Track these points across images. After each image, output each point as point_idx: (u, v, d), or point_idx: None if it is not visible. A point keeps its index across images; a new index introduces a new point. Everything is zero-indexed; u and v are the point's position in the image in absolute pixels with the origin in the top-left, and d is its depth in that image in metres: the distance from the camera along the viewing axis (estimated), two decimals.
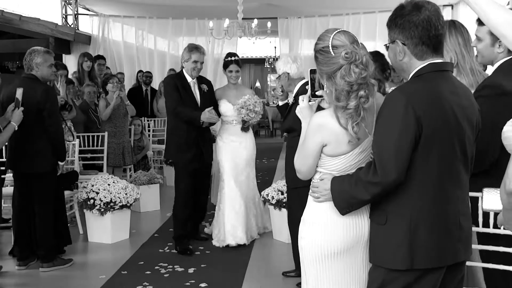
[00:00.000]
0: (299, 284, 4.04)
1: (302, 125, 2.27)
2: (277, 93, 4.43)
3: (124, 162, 6.76)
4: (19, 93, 4.16)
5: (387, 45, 2.06)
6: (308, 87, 2.26)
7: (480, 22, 2.65)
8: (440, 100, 1.91)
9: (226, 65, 5.17)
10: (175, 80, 4.96)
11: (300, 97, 2.30)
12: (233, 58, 5.13)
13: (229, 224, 4.99)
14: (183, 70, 4.99)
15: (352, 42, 2.07)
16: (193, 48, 4.92)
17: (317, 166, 2.19)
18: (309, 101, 2.26)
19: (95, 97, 6.77)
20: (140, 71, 9.60)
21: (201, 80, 5.07)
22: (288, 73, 4.18)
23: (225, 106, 5.13)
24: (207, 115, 4.75)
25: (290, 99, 4.36)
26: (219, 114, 5.06)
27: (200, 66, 4.94)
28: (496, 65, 2.60)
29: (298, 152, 2.21)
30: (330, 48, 2.07)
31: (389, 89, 4.19)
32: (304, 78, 4.23)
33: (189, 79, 4.94)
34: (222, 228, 5.03)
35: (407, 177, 1.91)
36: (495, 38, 2.56)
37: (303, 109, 2.27)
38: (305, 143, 2.16)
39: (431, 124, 1.88)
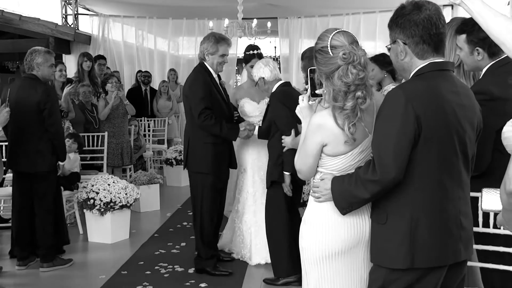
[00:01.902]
0: (266, 279, 4.11)
1: (302, 125, 2.27)
2: None
3: (122, 162, 6.75)
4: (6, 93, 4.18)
5: (389, 46, 2.07)
6: (308, 86, 2.26)
7: (458, 31, 2.68)
8: (440, 99, 1.92)
9: (247, 59, 4.66)
10: (205, 76, 4.19)
11: (300, 97, 2.30)
12: (255, 52, 4.62)
13: (258, 240, 4.52)
14: (206, 64, 4.24)
15: (351, 42, 2.08)
16: (221, 40, 4.23)
17: (318, 166, 2.19)
18: (309, 100, 2.27)
19: (91, 96, 6.76)
20: (139, 71, 9.61)
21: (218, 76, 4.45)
22: (263, 78, 4.17)
23: (249, 106, 4.64)
24: (247, 133, 4.20)
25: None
26: (239, 117, 4.54)
27: (227, 61, 4.34)
28: (483, 70, 2.62)
29: (299, 153, 2.21)
30: (329, 48, 2.07)
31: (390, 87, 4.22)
32: (280, 80, 4.21)
33: (213, 74, 4.25)
34: (250, 244, 4.55)
35: (407, 176, 1.91)
36: (472, 47, 2.60)
37: (303, 109, 2.27)
38: (305, 143, 2.16)
39: (430, 123, 1.88)
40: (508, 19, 1.91)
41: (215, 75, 4.28)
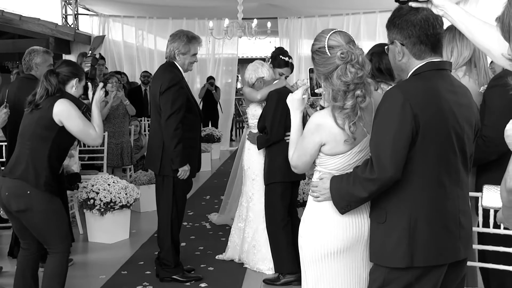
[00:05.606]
0: (266, 279, 4.10)
1: (291, 117, 2.28)
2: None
3: (122, 162, 6.74)
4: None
5: (386, 46, 2.07)
6: (307, 84, 2.27)
7: None
8: (437, 98, 1.92)
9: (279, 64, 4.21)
10: (183, 81, 3.98)
11: (299, 89, 2.31)
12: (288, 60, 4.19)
13: (265, 247, 4.28)
14: (176, 63, 4.01)
15: (348, 42, 2.09)
16: (193, 39, 4.03)
17: (316, 166, 2.20)
18: (304, 94, 2.26)
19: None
20: (145, 71, 9.61)
21: None
22: (263, 77, 4.16)
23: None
24: (184, 176, 3.95)
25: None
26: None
27: (197, 60, 4.12)
28: None
29: (296, 150, 2.22)
30: (326, 48, 2.08)
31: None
32: (276, 79, 4.18)
33: (183, 74, 4.05)
34: (259, 251, 4.34)
35: (406, 175, 1.91)
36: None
37: (294, 100, 2.28)
38: (304, 142, 2.16)
39: (428, 122, 1.89)
40: (492, 26, 1.90)
41: (184, 75, 4.08)
